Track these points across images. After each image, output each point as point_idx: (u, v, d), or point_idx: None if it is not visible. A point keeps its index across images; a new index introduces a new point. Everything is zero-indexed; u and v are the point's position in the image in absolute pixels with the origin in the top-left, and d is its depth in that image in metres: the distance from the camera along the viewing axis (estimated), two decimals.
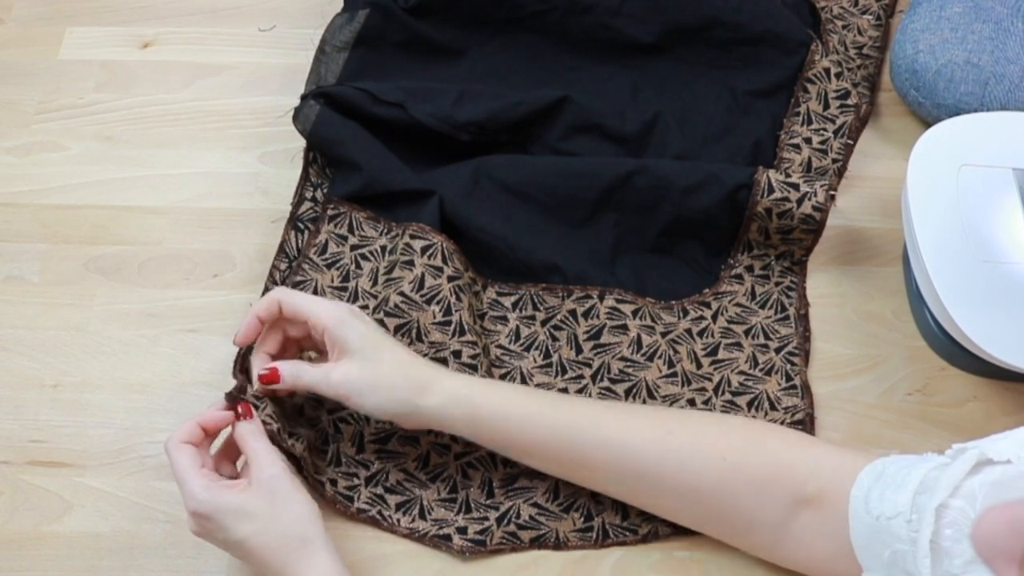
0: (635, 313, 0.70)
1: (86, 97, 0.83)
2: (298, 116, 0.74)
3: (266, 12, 0.88)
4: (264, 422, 0.60)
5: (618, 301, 0.71)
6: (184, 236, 0.75)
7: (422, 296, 0.68)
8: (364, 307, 0.69)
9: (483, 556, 0.63)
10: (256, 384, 0.61)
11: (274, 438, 0.60)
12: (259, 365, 0.61)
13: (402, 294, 0.68)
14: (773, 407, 0.67)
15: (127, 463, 0.66)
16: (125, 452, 0.66)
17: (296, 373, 0.60)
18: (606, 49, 0.82)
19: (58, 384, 0.69)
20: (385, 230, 0.73)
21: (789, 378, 0.68)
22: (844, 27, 0.84)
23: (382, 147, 0.74)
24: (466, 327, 0.67)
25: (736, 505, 0.57)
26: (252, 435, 0.58)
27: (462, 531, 0.63)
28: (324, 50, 0.81)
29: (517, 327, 0.70)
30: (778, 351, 0.70)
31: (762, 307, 0.72)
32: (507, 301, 0.71)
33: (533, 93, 0.77)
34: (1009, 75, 0.74)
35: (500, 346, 0.70)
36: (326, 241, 0.73)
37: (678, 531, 0.63)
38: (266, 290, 0.72)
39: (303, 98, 0.75)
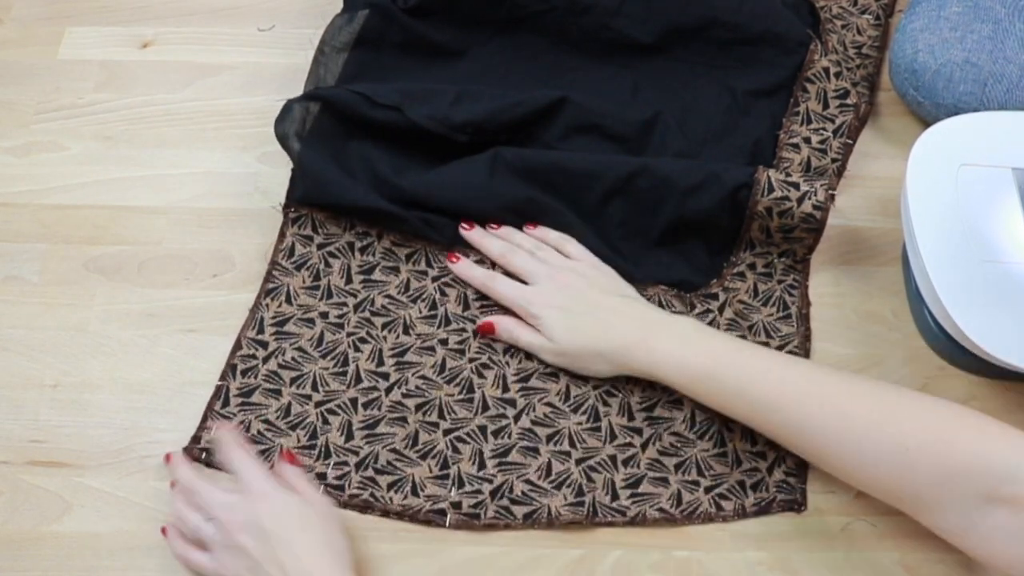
0: None
1: (86, 97, 0.83)
2: (284, 119, 0.75)
3: (265, 12, 0.88)
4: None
5: None
6: (184, 236, 0.75)
7: (408, 296, 0.71)
8: (341, 304, 0.71)
9: (477, 531, 0.63)
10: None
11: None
12: None
13: (388, 296, 0.71)
14: None
15: (127, 463, 0.66)
16: (125, 452, 0.66)
17: (511, 332, 0.69)
18: (606, 49, 0.82)
19: (58, 384, 0.69)
20: (348, 226, 0.74)
21: None
22: (843, 27, 0.84)
23: (342, 171, 0.74)
24: (451, 317, 0.70)
25: (916, 493, 0.55)
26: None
27: (456, 506, 0.64)
28: (323, 51, 0.80)
29: None
30: (779, 350, 0.70)
31: (764, 304, 0.72)
32: None
33: (532, 94, 0.77)
34: (1008, 74, 0.74)
35: None
36: (292, 244, 0.74)
37: (667, 519, 0.63)
38: (262, 291, 0.72)
39: (293, 102, 0.76)
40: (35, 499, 0.65)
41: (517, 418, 0.67)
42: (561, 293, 0.68)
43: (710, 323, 0.70)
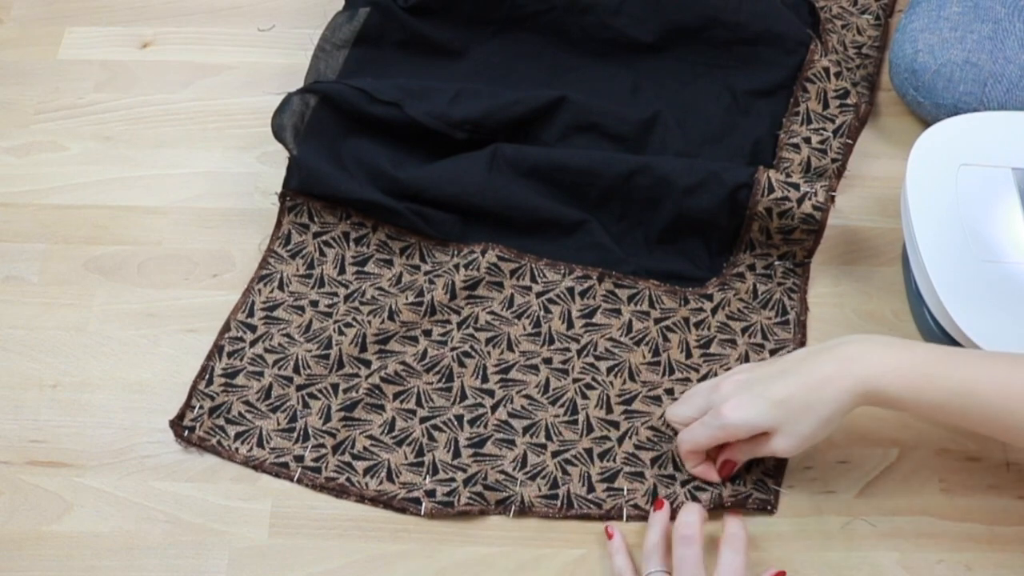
0: (631, 299, 0.71)
1: (85, 97, 0.83)
2: (283, 111, 0.75)
3: (265, 12, 0.88)
4: (204, 436, 0.66)
5: (616, 285, 0.72)
6: (184, 236, 0.75)
7: (399, 288, 0.72)
8: (332, 294, 0.72)
9: (450, 518, 0.64)
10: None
11: (218, 450, 0.66)
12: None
13: (380, 288, 0.72)
14: None
15: (127, 463, 0.66)
16: (125, 452, 0.66)
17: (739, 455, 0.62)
18: (606, 49, 0.82)
19: (58, 384, 0.69)
20: (344, 215, 0.74)
21: None
22: (843, 27, 0.84)
23: (338, 165, 0.75)
24: (437, 307, 0.70)
25: None
26: None
27: (430, 494, 0.64)
28: (324, 48, 0.81)
29: (512, 295, 0.72)
30: (772, 354, 0.70)
31: (764, 307, 0.72)
32: (506, 268, 0.72)
33: (531, 92, 0.77)
34: (1008, 75, 0.74)
35: (491, 312, 0.71)
36: (289, 232, 0.74)
37: (642, 515, 0.63)
38: (256, 276, 0.72)
39: (293, 95, 0.76)
40: (35, 499, 0.65)
41: (494, 408, 0.67)
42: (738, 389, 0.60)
43: (701, 322, 0.71)
